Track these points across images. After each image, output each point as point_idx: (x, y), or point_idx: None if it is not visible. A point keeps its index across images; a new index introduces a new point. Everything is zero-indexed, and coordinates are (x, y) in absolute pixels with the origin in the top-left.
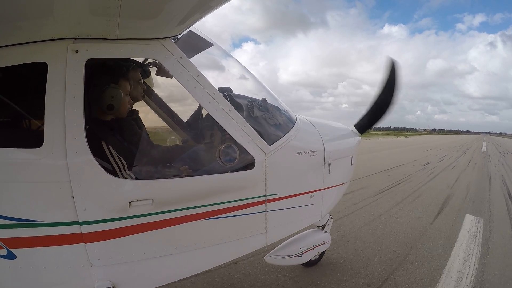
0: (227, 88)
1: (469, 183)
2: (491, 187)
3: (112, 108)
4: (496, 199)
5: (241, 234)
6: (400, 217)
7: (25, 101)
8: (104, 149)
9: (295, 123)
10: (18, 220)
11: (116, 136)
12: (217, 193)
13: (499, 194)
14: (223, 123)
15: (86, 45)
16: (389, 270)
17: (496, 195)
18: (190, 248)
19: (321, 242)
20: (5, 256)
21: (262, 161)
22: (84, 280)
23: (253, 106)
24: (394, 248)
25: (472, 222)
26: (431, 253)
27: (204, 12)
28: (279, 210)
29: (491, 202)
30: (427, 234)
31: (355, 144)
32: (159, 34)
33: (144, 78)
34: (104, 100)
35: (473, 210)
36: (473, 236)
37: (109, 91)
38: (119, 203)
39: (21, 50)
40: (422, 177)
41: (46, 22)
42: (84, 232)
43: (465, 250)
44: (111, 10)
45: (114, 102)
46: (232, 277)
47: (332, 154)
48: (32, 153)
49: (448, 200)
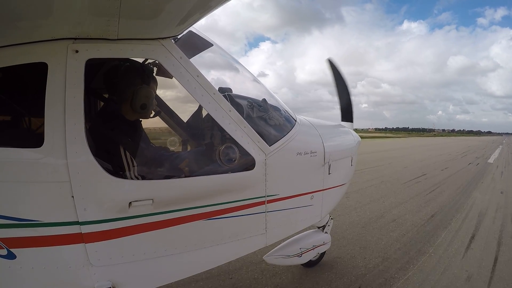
0: (227, 88)
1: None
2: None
3: (145, 107)
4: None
5: (241, 235)
6: None
7: (25, 101)
8: (119, 147)
9: (295, 124)
10: (18, 220)
11: (135, 137)
12: (217, 193)
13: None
14: (223, 124)
15: (86, 45)
16: None
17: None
18: (190, 248)
19: (321, 242)
20: (5, 256)
21: (262, 161)
22: (84, 280)
23: (253, 106)
24: None
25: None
26: None
27: (204, 12)
28: (279, 210)
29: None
30: None
31: (355, 145)
32: (159, 34)
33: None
34: (138, 99)
35: None
36: None
37: (144, 91)
38: (119, 203)
39: (21, 50)
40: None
41: (46, 22)
42: (84, 232)
43: None
44: (111, 10)
45: (147, 101)
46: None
47: (332, 155)
48: (32, 153)
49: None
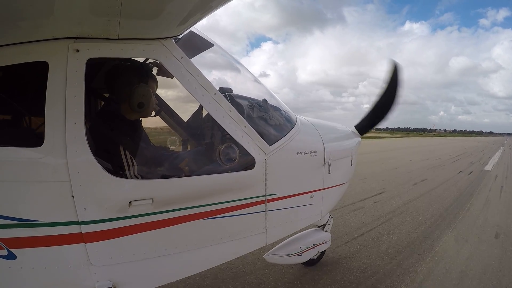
0: (227, 88)
1: None
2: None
3: (142, 106)
4: None
5: (241, 234)
6: None
7: (25, 100)
8: (119, 147)
9: (295, 124)
10: (18, 220)
11: (134, 136)
12: (217, 193)
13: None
14: (223, 123)
15: (87, 45)
16: None
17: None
18: (190, 247)
19: (321, 241)
20: (5, 256)
21: (262, 161)
22: (85, 280)
23: (254, 106)
24: None
25: None
26: None
27: (205, 13)
28: (279, 210)
29: None
30: None
31: (355, 145)
32: (160, 34)
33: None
34: (135, 98)
35: None
36: None
37: (140, 89)
38: (119, 203)
39: (22, 49)
40: None
41: (47, 22)
42: (84, 232)
43: None
44: (112, 10)
45: (145, 100)
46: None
47: (332, 155)
48: (32, 152)
49: None
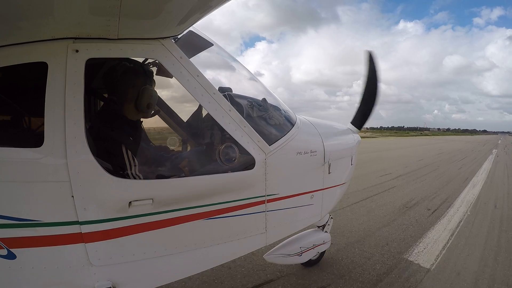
0: (227, 88)
1: None
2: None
3: (150, 107)
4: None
5: (241, 234)
6: None
7: (25, 101)
8: (120, 146)
9: (295, 123)
10: (18, 220)
11: (135, 136)
12: (217, 193)
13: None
14: (223, 123)
15: (86, 45)
16: None
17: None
18: (190, 248)
19: (321, 242)
20: (5, 256)
21: (262, 161)
22: (84, 280)
23: (253, 106)
24: None
25: None
26: None
27: (204, 12)
28: (279, 210)
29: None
30: None
31: (355, 144)
32: (159, 34)
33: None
34: (144, 99)
35: None
36: None
37: (149, 91)
38: (119, 203)
39: (21, 50)
40: None
41: (46, 22)
42: (84, 232)
43: None
44: (111, 10)
45: (152, 101)
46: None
47: (332, 154)
48: (32, 153)
49: None
